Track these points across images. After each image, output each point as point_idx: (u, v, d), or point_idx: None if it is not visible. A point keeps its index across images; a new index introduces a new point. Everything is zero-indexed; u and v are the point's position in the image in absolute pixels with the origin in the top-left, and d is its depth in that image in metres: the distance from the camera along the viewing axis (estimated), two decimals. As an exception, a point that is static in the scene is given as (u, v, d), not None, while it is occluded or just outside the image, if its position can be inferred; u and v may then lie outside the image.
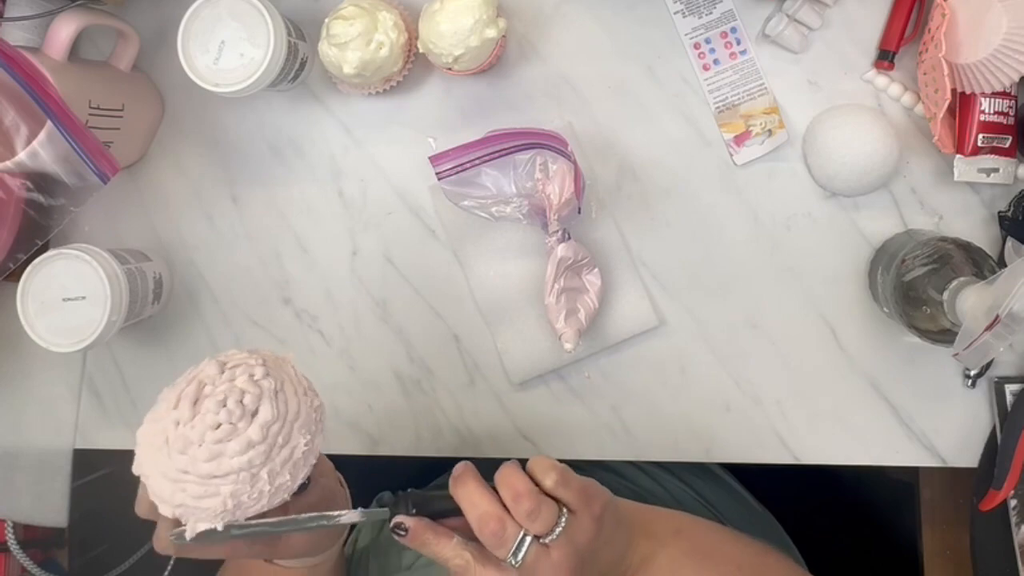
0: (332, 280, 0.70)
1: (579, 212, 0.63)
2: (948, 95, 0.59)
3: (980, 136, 0.62)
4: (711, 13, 0.67)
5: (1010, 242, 0.64)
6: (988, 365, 0.65)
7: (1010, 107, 0.62)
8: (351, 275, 0.70)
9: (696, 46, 0.67)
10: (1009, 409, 0.64)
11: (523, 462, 0.49)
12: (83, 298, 0.62)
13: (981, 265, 0.56)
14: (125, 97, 0.67)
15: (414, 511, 0.48)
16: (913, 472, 0.78)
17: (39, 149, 0.59)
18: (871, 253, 0.66)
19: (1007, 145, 0.63)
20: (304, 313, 0.71)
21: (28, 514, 0.74)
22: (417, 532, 0.47)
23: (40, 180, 0.62)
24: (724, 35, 0.67)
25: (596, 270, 0.65)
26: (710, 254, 0.67)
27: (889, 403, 0.66)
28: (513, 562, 0.46)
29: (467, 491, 0.47)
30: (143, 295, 0.66)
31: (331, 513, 0.47)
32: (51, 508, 0.73)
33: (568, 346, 0.63)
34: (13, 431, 0.73)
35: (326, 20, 0.62)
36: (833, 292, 0.67)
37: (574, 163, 0.60)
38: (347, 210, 0.70)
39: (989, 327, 0.49)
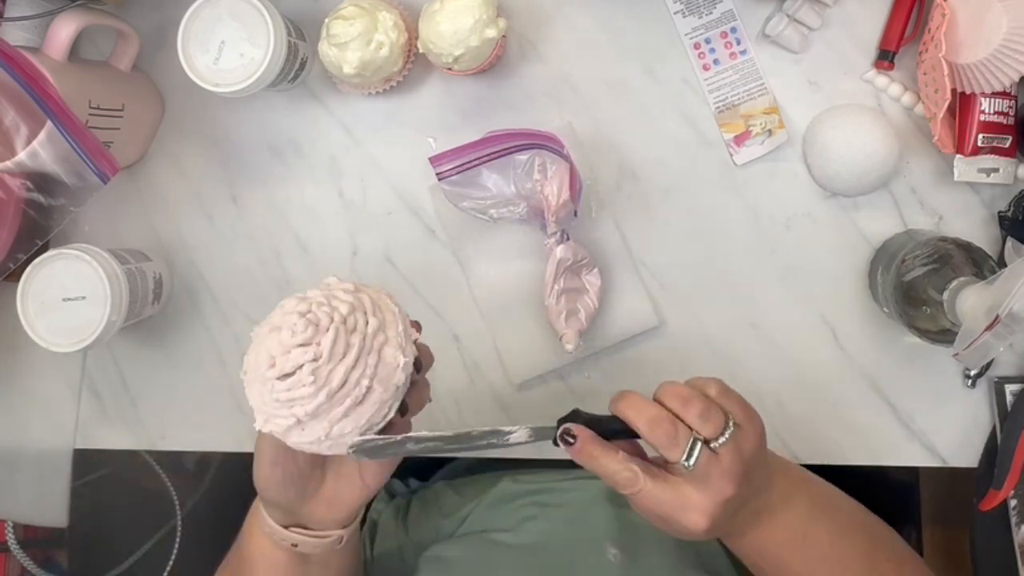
0: (332, 280, 0.70)
1: (575, 215, 0.63)
2: (948, 95, 0.59)
3: (980, 136, 0.62)
4: (711, 13, 0.67)
5: (1010, 242, 0.64)
6: (988, 365, 0.65)
7: (1010, 107, 0.62)
8: (351, 275, 0.70)
9: (696, 46, 0.67)
10: (1009, 409, 0.64)
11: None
12: (83, 298, 0.62)
13: (981, 265, 0.56)
14: (125, 97, 0.67)
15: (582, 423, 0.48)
16: (913, 472, 0.78)
17: (39, 149, 0.59)
18: (871, 253, 0.66)
19: (1007, 145, 0.63)
20: (304, 313, 0.71)
21: (28, 514, 0.74)
22: (585, 441, 0.47)
23: (40, 180, 0.62)
24: (724, 35, 0.67)
25: (596, 270, 0.65)
26: (710, 254, 0.67)
27: (889, 403, 0.66)
28: (686, 465, 0.45)
29: (633, 401, 0.47)
30: (143, 295, 0.66)
31: (503, 428, 0.47)
32: (51, 508, 0.73)
33: (569, 347, 0.63)
34: (13, 431, 0.73)
35: (326, 20, 0.62)
36: (833, 292, 0.67)
37: (571, 164, 0.60)
38: (347, 210, 0.70)
39: (989, 327, 0.49)
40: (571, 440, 0.47)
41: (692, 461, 0.45)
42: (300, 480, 0.50)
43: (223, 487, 0.64)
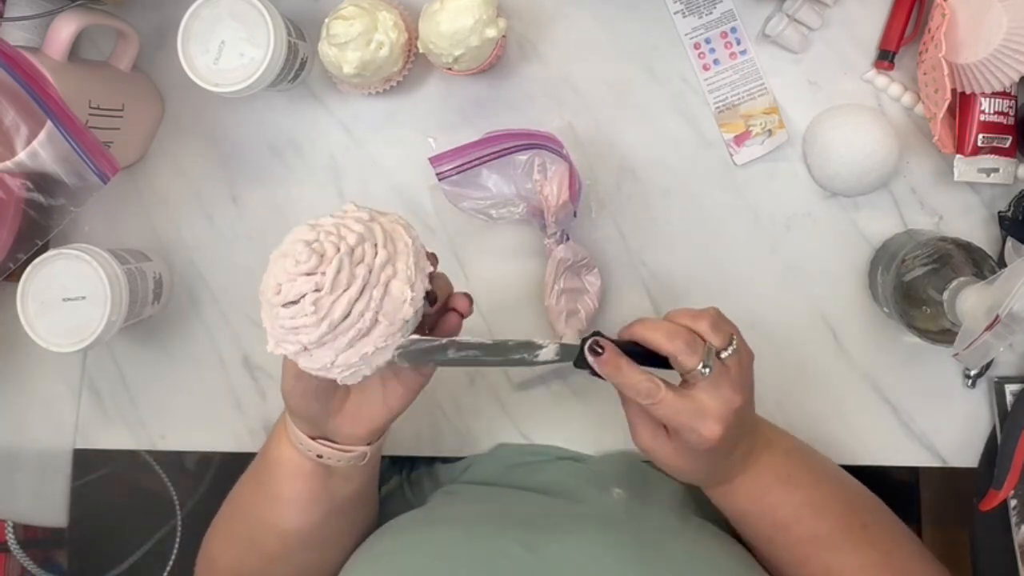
0: (332, 280, 0.70)
1: (575, 215, 0.64)
2: (948, 95, 0.59)
3: (980, 136, 0.62)
4: (711, 13, 0.67)
5: (1010, 242, 0.64)
6: (988, 365, 0.65)
7: (1010, 107, 0.62)
8: (351, 275, 0.70)
9: (696, 46, 0.67)
10: (1009, 409, 0.64)
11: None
12: (83, 298, 0.62)
13: (981, 265, 0.56)
14: (125, 97, 0.67)
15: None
16: (913, 472, 0.78)
17: (39, 149, 0.59)
18: (871, 253, 0.66)
19: (1007, 145, 0.63)
20: (304, 313, 0.71)
21: (28, 514, 0.74)
22: (612, 353, 0.49)
23: (40, 180, 0.62)
24: (724, 35, 0.67)
25: (596, 270, 0.65)
26: (710, 254, 0.67)
27: (889, 403, 0.66)
28: (703, 372, 0.48)
29: (648, 322, 0.50)
30: (143, 295, 0.66)
31: (536, 341, 0.49)
32: (51, 508, 0.73)
33: (568, 346, 0.63)
34: (13, 431, 0.73)
35: (326, 20, 0.62)
36: (833, 292, 0.67)
37: (570, 164, 0.60)
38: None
39: (989, 327, 0.49)
40: (600, 350, 0.49)
41: (708, 367, 0.48)
42: (323, 394, 0.51)
43: (223, 487, 0.64)
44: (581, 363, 0.50)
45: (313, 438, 0.53)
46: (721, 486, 0.55)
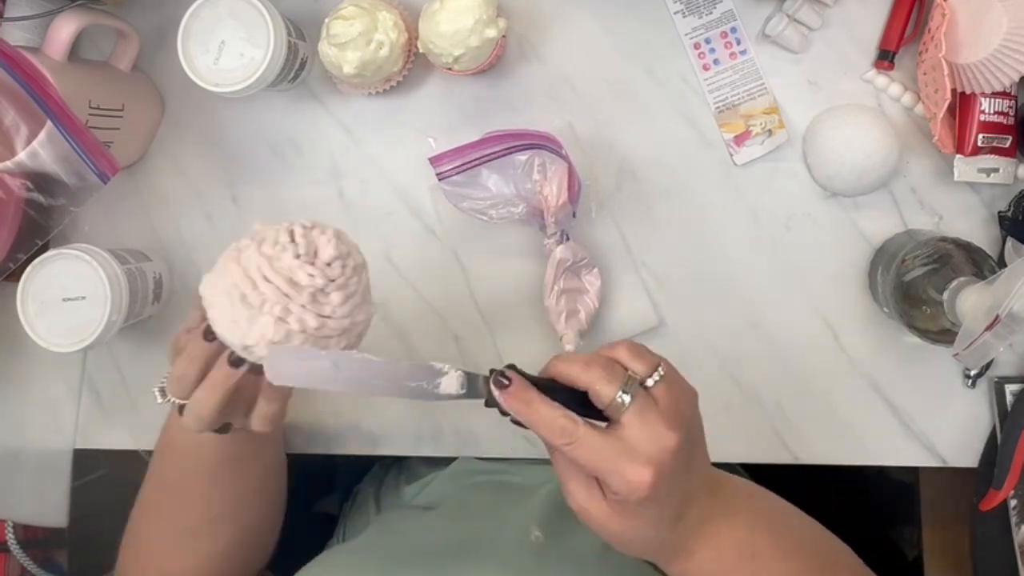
0: (332, 280, 0.70)
1: (573, 216, 0.64)
2: (948, 95, 0.59)
3: (980, 136, 0.62)
4: (711, 13, 0.67)
5: (1010, 242, 0.64)
6: (988, 365, 0.65)
7: (1010, 107, 0.62)
8: (351, 275, 0.70)
9: (696, 46, 0.67)
10: (1009, 409, 0.64)
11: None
12: (83, 298, 0.62)
13: (981, 265, 0.56)
14: (125, 97, 0.67)
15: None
16: (913, 472, 0.78)
17: (39, 149, 0.59)
18: (871, 253, 0.66)
19: (1007, 145, 0.63)
20: (304, 313, 0.71)
21: (28, 514, 0.74)
22: (520, 386, 0.44)
23: (40, 180, 0.62)
24: (724, 35, 0.67)
25: (596, 270, 0.65)
26: (710, 254, 0.67)
27: (889, 403, 0.66)
28: (623, 400, 0.43)
29: (562, 357, 0.46)
30: (143, 295, 0.66)
31: (435, 365, 0.44)
32: (51, 508, 0.73)
33: (569, 347, 0.63)
34: (13, 431, 0.73)
35: (326, 20, 0.62)
36: (833, 292, 0.67)
37: (569, 164, 0.60)
38: (347, 210, 0.70)
39: (989, 327, 0.49)
40: (506, 382, 0.44)
41: (628, 394, 0.43)
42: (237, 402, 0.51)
43: (223, 487, 0.65)
44: (490, 400, 0.44)
45: None
46: (677, 562, 0.47)
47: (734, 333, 0.67)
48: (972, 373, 0.65)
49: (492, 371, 0.45)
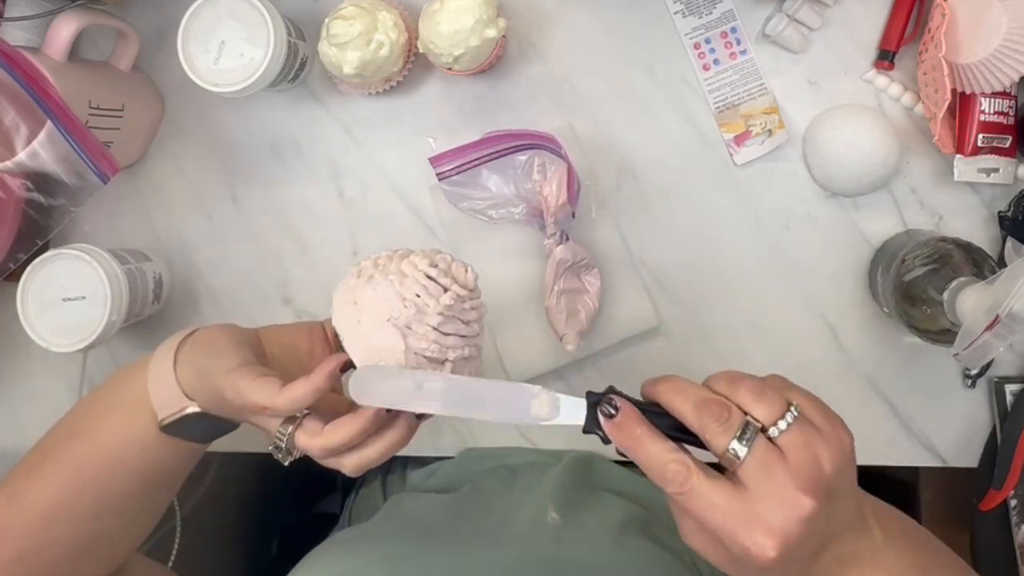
0: (332, 280, 0.70)
1: (573, 216, 0.64)
2: (948, 95, 0.59)
3: (980, 136, 0.62)
4: (711, 13, 0.67)
5: (1010, 242, 0.64)
6: (988, 365, 0.65)
7: (1010, 107, 0.62)
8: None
9: (696, 46, 0.67)
10: (1009, 409, 0.64)
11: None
12: (83, 298, 0.62)
13: (981, 265, 0.56)
14: (125, 97, 0.67)
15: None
16: (913, 472, 0.78)
17: (39, 149, 0.59)
18: (871, 253, 0.66)
19: (1007, 145, 0.63)
20: (305, 313, 0.71)
21: (28, 514, 0.73)
22: (630, 416, 0.39)
23: (40, 180, 0.62)
24: (724, 35, 0.67)
25: (596, 271, 0.65)
26: (710, 254, 0.67)
27: (889, 403, 0.66)
28: (737, 453, 0.37)
29: (674, 383, 0.40)
30: (143, 295, 0.66)
31: (526, 386, 0.41)
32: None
33: (570, 347, 0.63)
34: (13, 431, 0.73)
35: (326, 20, 0.62)
36: (833, 292, 0.67)
37: (568, 164, 0.60)
38: (347, 210, 0.70)
39: (989, 327, 0.49)
40: (613, 412, 0.39)
41: (745, 446, 0.37)
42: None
43: (223, 487, 0.65)
44: (590, 424, 0.41)
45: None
46: None
47: (734, 333, 0.67)
48: (972, 373, 0.65)
49: (589, 394, 0.41)
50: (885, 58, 0.65)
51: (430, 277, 0.46)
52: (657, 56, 0.68)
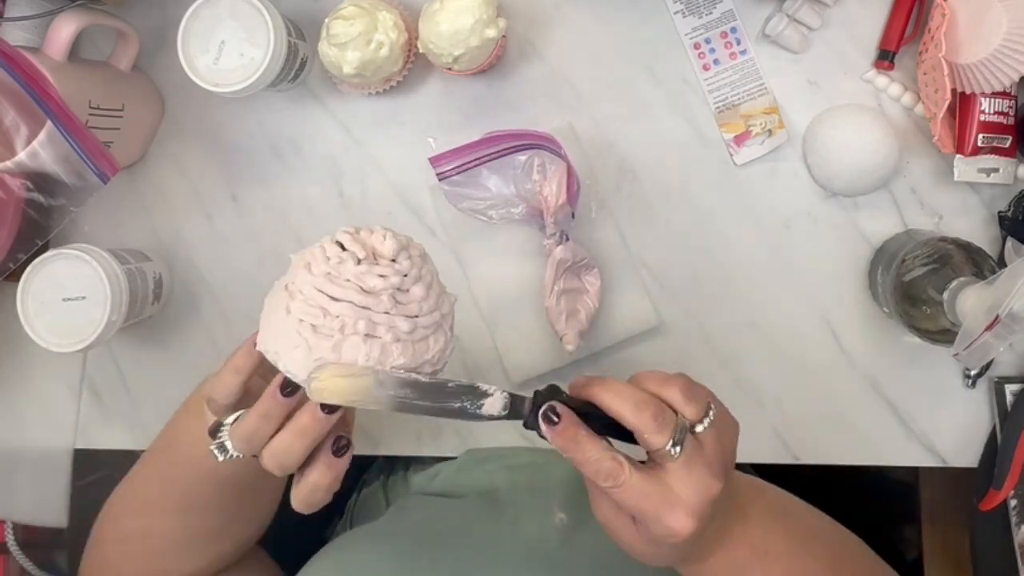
0: (332, 280, 0.70)
1: (572, 217, 0.64)
2: (948, 95, 0.59)
3: (980, 136, 0.62)
4: (711, 13, 0.67)
5: (1010, 242, 0.64)
6: (988, 365, 0.65)
7: (1010, 107, 0.62)
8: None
9: (696, 46, 0.67)
10: (1009, 409, 0.64)
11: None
12: (83, 298, 0.62)
13: (981, 265, 0.56)
14: (125, 97, 0.67)
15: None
16: (913, 472, 0.78)
17: (39, 149, 0.59)
18: (871, 253, 0.66)
19: (1007, 145, 0.63)
20: (304, 313, 0.71)
21: (28, 514, 0.74)
22: (570, 423, 0.42)
23: (40, 180, 0.62)
24: (724, 35, 0.67)
25: (595, 270, 0.65)
26: (710, 254, 0.67)
27: (889, 403, 0.66)
28: (673, 453, 0.41)
29: (611, 385, 0.43)
30: (143, 295, 0.66)
31: (480, 386, 0.42)
32: (51, 508, 0.73)
33: (570, 348, 0.63)
34: (13, 431, 0.73)
35: (326, 20, 0.62)
36: (833, 292, 0.67)
37: (568, 165, 0.60)
38: (347, 210, 0.70)
39: (989, 327, 0.49)
40: (555, 419, 0.42)
41: (679, 447, 0.41)
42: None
43: (223, 487, 0.65)
44: (532, 423, 0.43)
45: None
46: (691, 564, 0.48)
47: (734, 333, 0.67)
48: (972, 373, 0.65)
49: (536, 393, 0.43)
50: (885, 58, 0.65)
51: (339, 244, 0.42)
52: (657, 56, 0.68)
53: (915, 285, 0.58)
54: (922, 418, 0.66)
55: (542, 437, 0.43)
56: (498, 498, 0.65)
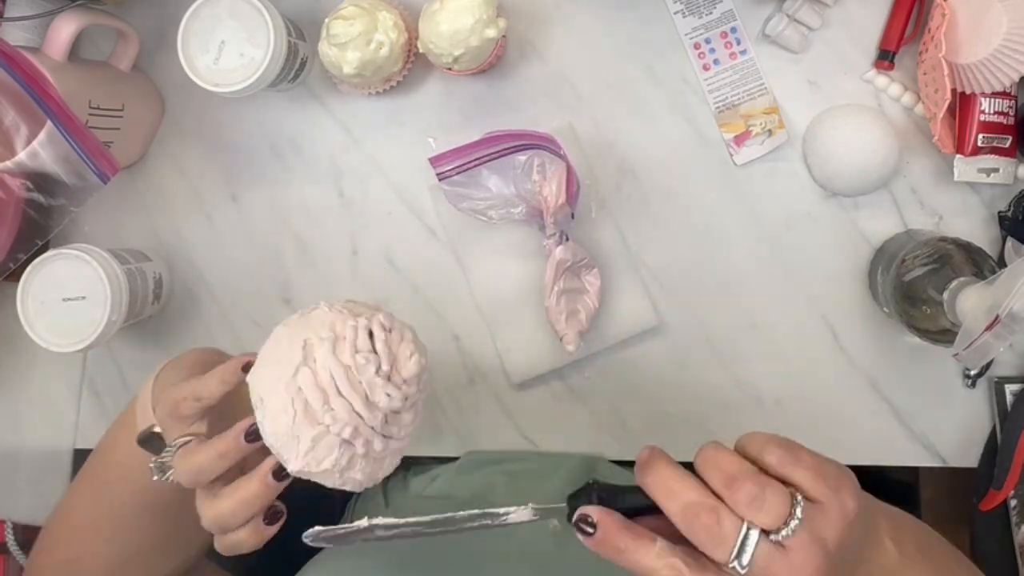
0: (332, 280, 0.70)
1: (572, 217, 0.63)
2: (948, 95, 0.59)
3: (980, 136, 0.62)
4: (711, 13, 0.67)
5: (1010, 242, 0.64)
6: (988, 365, 0.65)
7: (1010, 107, 0.62)
8: (351, 275, 0.70)
9: (696, 46, 0.67)
10: (1009, 409, 0.64)
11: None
12: (83, 298, 0.62)
13: (981, 265, 0.56)
14: (125, 97, 0.67)
15: (599, 502, 0.38)
16: (913, 472, 0.78)
17: (39, 149, 0.59)
18: (871, 253, 0.66)
19: (1007, 145, 0.63)
20: (304, 313, 0.71)
21: (28, 514, 0.74)
22: (610, 530, 0.37)
23: (40, 180, 0.62)
24: (724, 35, 0.67)
25: (595, 270, 0.65)
26: (710, 254, 0.67)
27: (889, 403, 0.66)
28: (738, 568, 0.35)
29: (661, 477, 0.37)
30: (143, 295, 0.66)
31: (496, 511, 0.40)
32: (51, 508, 0.73)
33: (570, 348, 0.63)
34: (13, 431, 0.73)
35: (326, 20, 0.62)
36: (833, 292, 0.67)
37: (567, 165, 0.60)
38: (347, 210, 0.70)
39: (989, 327, 0.49)
40: (590, 531, 0.37)
41: (745, 561, 0.35)
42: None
43: (223, 487, 0.65)
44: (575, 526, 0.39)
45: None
46: None
47: (734, 333, 0.67)
48: (972, 373, 0.65)
49: (570, 502, 0.39)
50: (885, 58, 0.65)
51: (371, 333, 0.42)
52: (657, 56, 0.68)
53: (915, 285, 0.58)
54: (922, 418, 0.66)
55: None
56: (494, 503, 0.65)
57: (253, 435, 0.43)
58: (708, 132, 0.67)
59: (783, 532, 0.35)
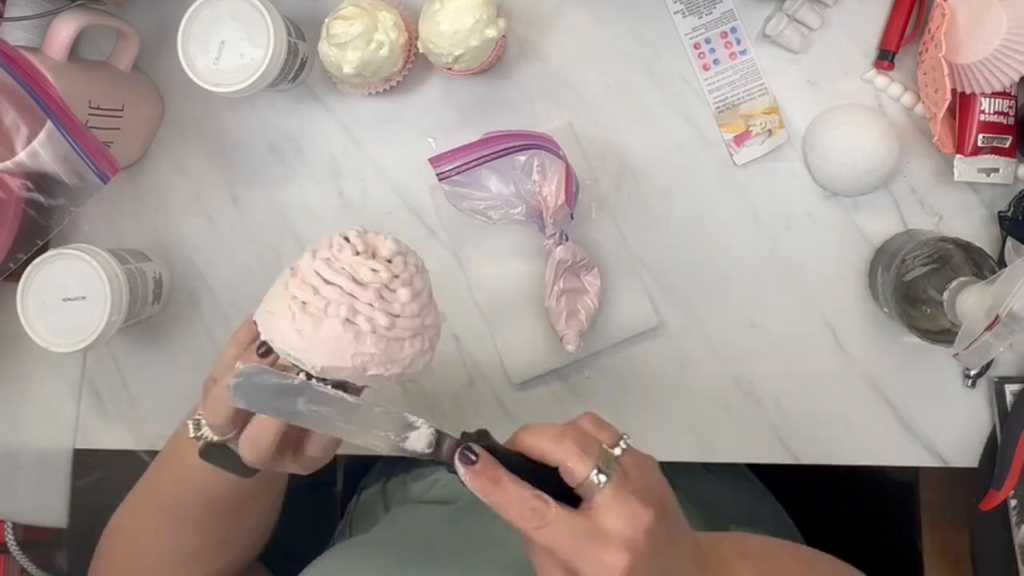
0: (332, 280, 0.70)
1: (572, 218, 0.64)
2: (948, 95, 0.59)
3: (980, 136, 0.62)
4: (711, 13, 0.67)
5: (1010, 242, 0.64)
6: (988, 365, 0.65)
7: (1010, 107, 0.62)
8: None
9: (696, 46, 0.67)
10: (1009, 409, 0.64)
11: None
12: (83, 298, 0.62)
13: (981, 265, 0.56)
14: (125, 97, 0.67)
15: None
16: (913, 472, 0.78)
17: (39, 149, 0.59)
18: (871, 253, 0.66)
19: (1007, 145, 0.63)
20: (304, 313, 0.71)
21: (28, 514, 0.74)
22: (487, 463, 0.40)
23: (40, 180, 0.62)
24: (724, 35, 0.67)
25: (595, 271, 0.65)
26: (710, 254, 0.67)
27: (889, 403, 0.66)
28: (599, 481, 0.40)
29: (531, 427, 0.42)
30: (143, 295, 0.66)
31: (410, 418, 0.41)
32: (51, 508, 0.73)
33: (570, 348, 0.63)
34: (13, 431, 0.73)
35: (326, 20, 0.62)
36: (833, 292, 0.67)
37: (566, 165, 0.60)
38: (347, 210, 0.70)
39: (989, 327, 0.49)
40: (472, 458, 0.40)
41: (605, 476, 0.40)
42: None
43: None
44: (452, 465, 0.41)
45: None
46: None
47: (734, 333, 0.67)
48: (972, 373, 0.65)
49: (464, 435, 0.42)
50: (885, 58, 0.65)
51: (345, 237, 0.45)
52: (657, 56, 0.68)
53: (915, 285, 0.58)
54: (922, 418, 0.66)
55: (463, 483, 0.41)
56: (479, 512, 0.65)
57: (262, 347, 0.45)
58: (708, 132, 0.67)
59: (620, 446, 0.42)
